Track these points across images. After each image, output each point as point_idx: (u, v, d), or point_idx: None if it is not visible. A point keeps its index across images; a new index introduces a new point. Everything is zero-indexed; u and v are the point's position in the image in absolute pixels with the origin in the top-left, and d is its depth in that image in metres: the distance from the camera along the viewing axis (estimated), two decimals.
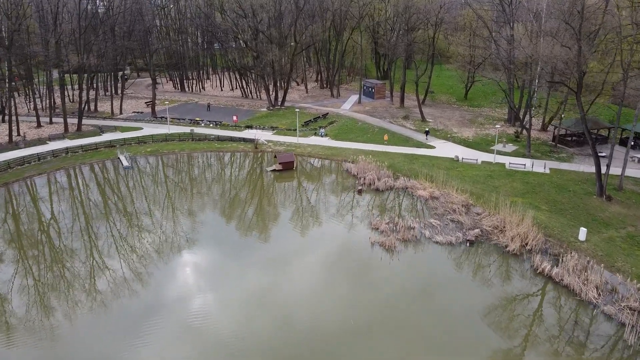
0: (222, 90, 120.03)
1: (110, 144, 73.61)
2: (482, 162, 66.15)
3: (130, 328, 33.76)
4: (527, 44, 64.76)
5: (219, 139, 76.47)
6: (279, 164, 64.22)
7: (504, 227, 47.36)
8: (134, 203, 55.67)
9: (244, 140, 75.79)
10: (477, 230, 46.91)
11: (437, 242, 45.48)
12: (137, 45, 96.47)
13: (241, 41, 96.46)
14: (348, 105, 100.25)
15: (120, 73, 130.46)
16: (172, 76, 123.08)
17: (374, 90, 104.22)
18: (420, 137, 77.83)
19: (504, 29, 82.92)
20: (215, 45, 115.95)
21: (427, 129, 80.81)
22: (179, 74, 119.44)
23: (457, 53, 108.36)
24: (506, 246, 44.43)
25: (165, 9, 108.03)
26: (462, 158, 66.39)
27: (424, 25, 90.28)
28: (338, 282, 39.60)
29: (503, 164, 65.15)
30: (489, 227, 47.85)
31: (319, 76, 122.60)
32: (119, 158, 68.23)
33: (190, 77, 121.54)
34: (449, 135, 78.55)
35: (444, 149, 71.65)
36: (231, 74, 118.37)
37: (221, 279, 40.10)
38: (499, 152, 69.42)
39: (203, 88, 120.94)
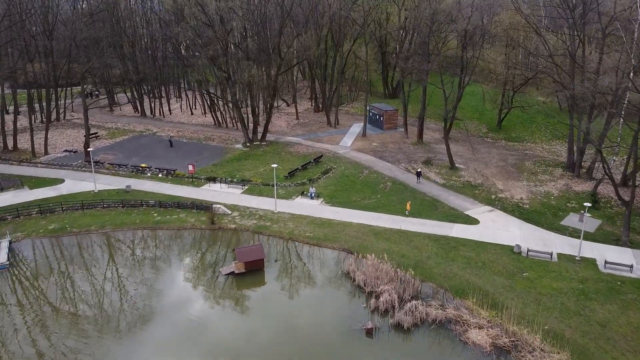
0: (192, 114, 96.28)
1: None
2: (559, 255, 42.42)
3: None
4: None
5: (162, 204, 52.69)
6: (240, 263, 40.53)
7: None
8: None
9: (197, 207, 51.99)
10: None
11: None
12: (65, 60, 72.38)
13: (205, 58, 72.65)
14: (349, 139, 76.53)
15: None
16: (134, 96, 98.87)
17: (382, 119, 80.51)
18: (453, 200, 54.08)
19: (570, 45, 59.15)
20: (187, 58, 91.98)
21: (418, 170, 59.17)
22: (138, 94, 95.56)
23: (487, 69, 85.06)
24: None
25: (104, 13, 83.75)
26: (528, 250, 42.60)
27: (455, 37, 66.13)
28: None
29: (592, 261, 41.41)
30: None
31: (313, 94, 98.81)
32: None
33: (154, 97, 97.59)
34: (494, 197, 54.77)
35: (492, 226, 47.88)
36: (202, 95, 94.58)
37: None
38: (576, 231, 45.67)
39: (169, 111, 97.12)
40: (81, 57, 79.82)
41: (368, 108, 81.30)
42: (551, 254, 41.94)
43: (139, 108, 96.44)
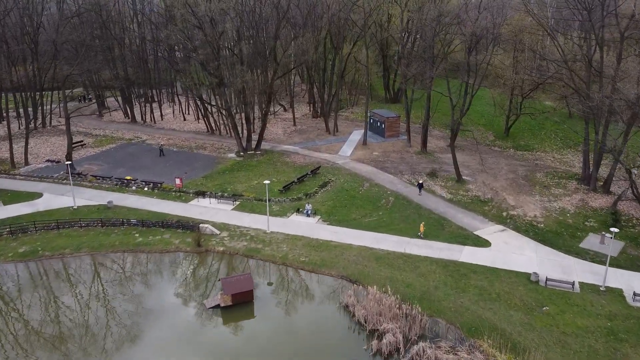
0: (185, 120, 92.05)
1: None
2: (581, 284, 38.23)
3: None
4: None
5: (144, 223, 48.44)
6: (226, 295, 36.33)
7: None
8: None
9: (183, 227, 47.79)
10: None
11: None
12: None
13: (197, 62, 68.39)
14: (349, 148, 72.31)
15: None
16: (124, 101, 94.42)
17: (384, 126, 76.27)
18: (461, 217, 49.85)
19: (587, 49, 54.91)
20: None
21: (420, 182, 55.67)
22: (127, 99, 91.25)
23: (494, 73, 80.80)
24: None
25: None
26: (547, 279, 38.38)
27: (463, 41, 61.54)
28: None
29: (619, 292, 37.28)
30: None
31: (311, 99, 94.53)
32: None
33: (146, 101, 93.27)
34: (505, 215, 50.57)
35: (505, 249, 43.68)
36: (195, 100, 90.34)
37: None
38: (598, 255, 41.67)
39: (161, 117, 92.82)
40: (63, 60, 75.71)
41: (369, 115, 77.04)
42: (573, 284, 37.74)
43: (129, 114, 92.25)
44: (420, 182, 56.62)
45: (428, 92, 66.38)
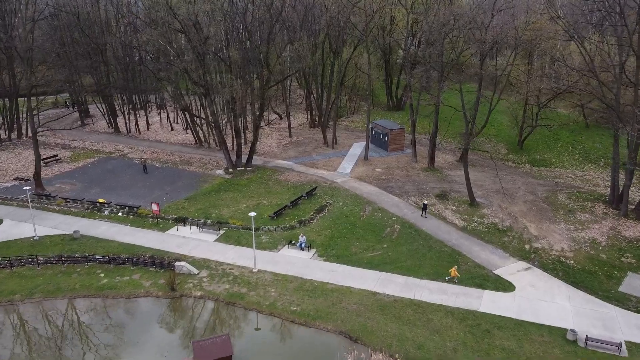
0: (172, 129, 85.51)
1: None
2: (628, 344, 31.69)
3: None
4: None
5: (112, 260, 41.87)
6: None
7: None
8: None
9: (156, 265, 41.24)
10: None
11: None
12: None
13: (180, 69, 61.68)
14: (349, 164, 65.73)
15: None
16: (107, 110, 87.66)
17: (387, 139, 69.67)
18: (478, 252, 43.30)
19: (620, 58, 48.29)
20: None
21: (425, 202, 50.22)
22: (110, 107, 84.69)
23: (509, 81, 74.34)
24: None
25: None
26: (587, 338, 31.78)
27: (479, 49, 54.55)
28: None
29: None
30: None
31: (308, 107, 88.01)
32: None
33: (133, 109, 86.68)
34: (528, 248, 44.00)
35: (533, 295, 37.10)
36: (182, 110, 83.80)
37: None
38: None
39: (147, 127, 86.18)
40: (42, 66, 69.28)
41: (371, 126, 70.48)
42: (619, 345, 31.18)
43: (112, 123, 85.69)
44: (425, 202, 50.53)
45: (436, 107, 59.80)
